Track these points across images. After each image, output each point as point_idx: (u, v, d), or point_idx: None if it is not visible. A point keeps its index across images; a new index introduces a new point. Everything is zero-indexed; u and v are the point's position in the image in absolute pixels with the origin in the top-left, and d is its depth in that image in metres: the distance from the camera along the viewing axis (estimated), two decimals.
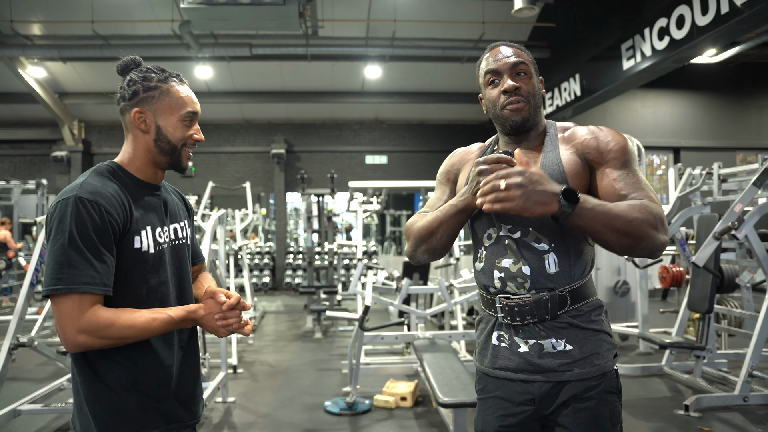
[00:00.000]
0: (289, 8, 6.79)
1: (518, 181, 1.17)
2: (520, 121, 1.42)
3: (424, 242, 1.48)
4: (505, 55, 1.44)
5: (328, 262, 8.18)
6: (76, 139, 11.79)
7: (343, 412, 3.98)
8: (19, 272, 9.27)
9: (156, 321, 1.28)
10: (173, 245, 1.45)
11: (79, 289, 1.21)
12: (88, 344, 1.23)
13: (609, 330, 1.42)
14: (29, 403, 3.73)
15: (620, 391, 1.39)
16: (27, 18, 8.91)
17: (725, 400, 3.94)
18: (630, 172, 1.35)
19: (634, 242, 1.23)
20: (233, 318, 1.35)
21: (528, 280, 1.35)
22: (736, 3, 4.85)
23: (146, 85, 1.37)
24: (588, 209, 1.20)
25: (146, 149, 1.39)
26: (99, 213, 1.24)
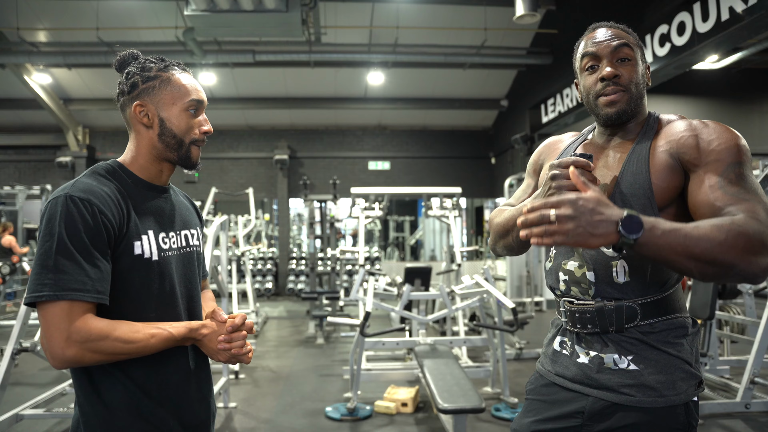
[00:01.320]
0: (292, 15, 6.84)
1: (568, 213, 1.01)
2: (615, 115, 1.26)
3: (501, 239, 1.41)
4: (607, 36, 1.27)
5: (330, 267, 8.19)
6: (80, 144, 11.86)
7: (344, 417, 3.98)
8: (23, 277, 9.31)
9: (155, 338, 1.15)
10: (183, 253, 1.32)
11: (68, 296, 1.07)
12: (78, 358, 1.09)
13: (689, 357, 1.21)
14: (31, 407, 3.74)
15: (691, 427, 1.19)
16: (33, 25, 9.01)
17: (727, 407, 3.92)
18: (735, 178, 1.12)
19: (721, 271, 1.03)
20: (238, 342, 1.24)
21: (592, 287, 1.23)
22: (737, 10, 4.87)
23: (145, 75, 1.26)
24: (657, 237, 1.01)
25: (150, 145, 1.28)
26: (91, 213, 1.12)
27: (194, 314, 1.35)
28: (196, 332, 1.23)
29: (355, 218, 8.18)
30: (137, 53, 1.33)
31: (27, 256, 9.34)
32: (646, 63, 1.31)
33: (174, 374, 1.25)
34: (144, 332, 1.15)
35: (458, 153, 12.63)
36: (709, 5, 5.24)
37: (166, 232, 1.28)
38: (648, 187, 1.20)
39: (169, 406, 1.23)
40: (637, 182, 1.21)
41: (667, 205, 1.20)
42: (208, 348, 1.25)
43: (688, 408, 1.19)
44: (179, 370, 1.26)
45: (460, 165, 12.52)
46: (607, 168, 1.29)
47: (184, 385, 1.27)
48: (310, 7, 7.16)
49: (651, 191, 1.19)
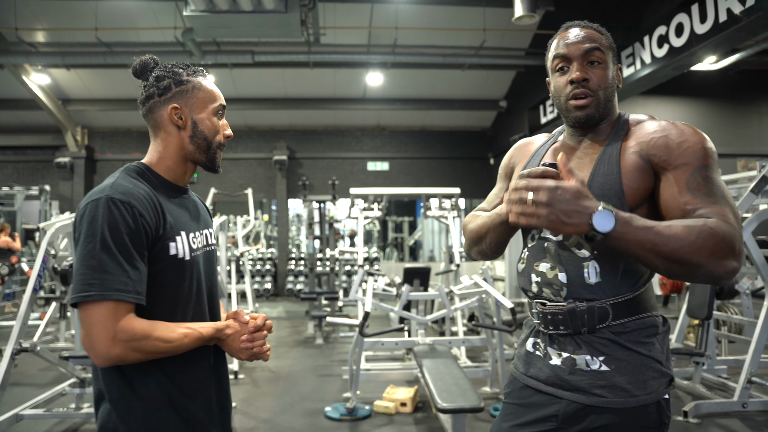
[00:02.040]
0: (291, 16, 6.85)
1: (545, 199, 1.05)
2: (584, 118, 1.27)
3: (475, 245, 1.44)
4: (578, 38, 1.28)
5: (329, 268, 8.20)
6: (79, 145, 11.86)
7: (344, 417, 3.99)
8: (21, 278, 9.31)
9: (188, 337, 1.20)
10: (205, 252, 1.37)
11: (113, 296, 1.11)
12: (122, 357, 1.13)
13: (660, 356, 1.22)
14: (31, 408, 3.75)
15: (663, 426, 1.21)
16: (31, 25, 9.01)
17: (724, 406, 3.94)
18: (703, 181, 1.15)
19: (687, 270, 1.07)
20: (259, 340, 1.31)
21: (564, 288, 1.24)
22: (734, 11, 4.89)
23: (177, 79, 1.31)
24: (627, 233, 1.05)
25: (180, 146, 1.32)
26: (132, 215, 1.16)
27: (215, 311, 1.39)
28: (222, 332, 1.28)
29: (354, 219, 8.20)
30: (157, 59, 1.37)
31: (25, 256, 9.33)
32: (617, 65, 1.32)
33: (201, 370, 1.30)
34: (178, 332, 1.19)
35: (457, 154, 12.65)
36: (707, 7, 5.26)
37: (193, 231, 1.32)
38: (619, 188, 1.21)
39: (198, 399, 1.28)
40: (609, 183, 1.22)
41: (639, 205, 1.22)
42: (230, 347, 1.31)
43: (659, 406, 1.20)
44: (205, 367, 1.32)
45: (458, 165, 12.54)
46: (579, 169, 1.29)
47: (208, 381, 1.32)
48: (309, 7, 7.18)
49: (622, 192, 1.21)
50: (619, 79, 1.33)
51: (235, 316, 1.33)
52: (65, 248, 6.55)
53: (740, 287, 4.70)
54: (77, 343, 4.19)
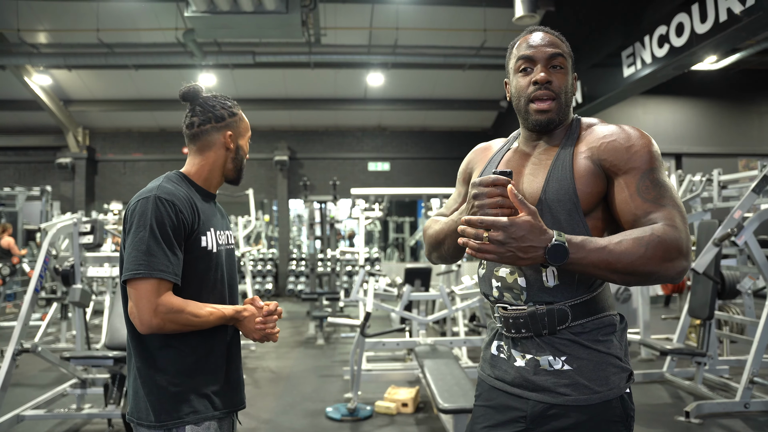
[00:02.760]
0: (292, 17, 6.85)
1: (500, 238, 1.08)
2: (545, 122, 1.30)
3: (435, 250, 1.47)
4: (543, 42, 1.31)
5: (330, 268, 8.20)
6: (80, 146, 11.87)
7: (345, 418, 3.99)
8: (23, 278, 9.31)
9: (213, 315, 1.45)
10: (227, 248, 1.63)
11: (157, 274, 1.37)
12: (161, 326, 1.38)
13: (619, 352, 1.27)
14: (32, 408, 3.76)
15: (629, 418, 1.25)
16: (33, 26, 9.02)
17: (726, 406, 3.94)
18: (651, 184, 1.20)
19: (640, 279, 1.14)
20: (271, 323, 1.53)
21: (524, 292, 1.27)
22: (735, 11, 4.89)
23: (230, 111, 1.61)
24: (581, 258, 1.11)
25: (223, 164, 1.62)
26: (174, 212, 1.42)
27: (233, 299, 1.64)
28: (240, 314, 1.52)
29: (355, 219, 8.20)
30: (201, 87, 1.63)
31: (26, 257, 9.34)
32: (574, 74, 1.36)
33: (218, 345, 1.53)
34: (206, 310, 1.45)
35: (458, 154, 12.63)
36: (708, 6, 5.25)
37: (219, 230, 1.59)
38: (573, 193, 1.24)
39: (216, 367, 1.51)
40: (563, 188, 1.25)
41: (593, 209, 1.25)
42: (246, 327, 1.53)
43: (623, 400, 1.25)
44: (222, 342, 1.54)
45: (459, 166, 12.50)
46: (533, 175, 1.32)
47: (222, 356, 1.54)
48: (310, 8, 7.18)
49: (576, 197, 1.24)
50: (575, 87, 1.36)
51: (252, 301, 1.56)
52: (66, 249, 6.55)
53: (742, 287, 4.69)
54: (78, 343, 4.19)
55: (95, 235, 4.19)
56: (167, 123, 12.20)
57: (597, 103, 7.71)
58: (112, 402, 3.63)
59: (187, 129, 1.60)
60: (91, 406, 3.86)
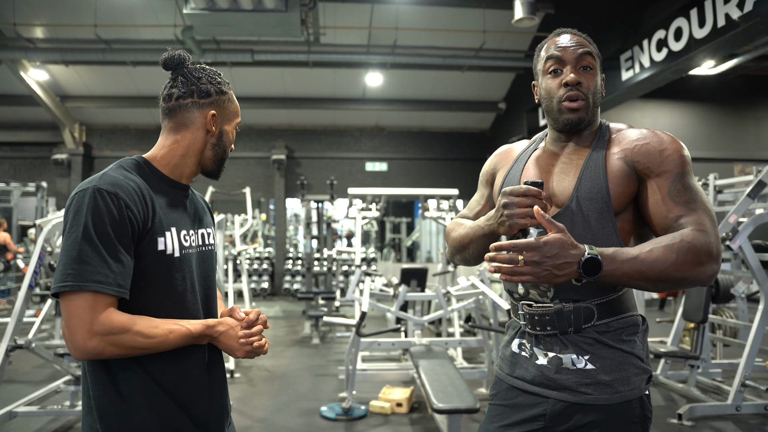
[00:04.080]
0: (291, 15, 6.85)
1: (535, 259, 1.10)
2: (576, 120, 1.30)
3: (458, 253, 1.47)
4: (573, 43, 1.32)
5: (326, 268, 8.20)
6: (77, 142, 11.83)
7: (339, 417, 3.99)
8: (17, 274, 9.29)
9: (173, 333, 1.17)
10: (200, 251, 1.35)
11: (91, 287, 1.09)
12: (99, 350, 1.11)
13: (641, 353, 1.27)
14: (25, 405, 3.74)
15: (647, 420, 1.25)
16: (30, 21, 8.98)
17: (718, 409, 3.96)
18: (683, 189, 1.21)
19: (673, 285, 1.16)
20: (255, 336, 1.27)
21: (551, 289, 1.27)
22: (733, 16, 4.91)
23: (218, 88, 1.35)
24: (615, 269, 1.12)
25: (200, 149, 1.33)
26: (118, 206, 1.14)
27: (211, 312, 1.37)
28: (213, 329, 1.25)
29: (352, 219, 8.20)
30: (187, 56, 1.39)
31: (21, 254, 9.31)
32: (602, 74, 1.37)
33: (193, 370, 1.27)
34: (163, 328, 1.17)
35: (456, 155, 12.66)
36: (706, 11, 5.28)
37: (187, 229, 1.31)
38: (606, 192, 1.25)
39: (184, 401, 1.24)
40: (595, 187, 1.26)
41: (623, 209, 1.27)
42: (224, 345, 1.27)
43: (642, 401, 1.24)
44: (197, 366, 1.28)
45: (457, 167, 12.54)
46: (564, 173, 1.33)
47: (200, 381, 1.28)
48: (310, 7, 7.18)
49: (608, 196, 1.25)
50: (603, 88, 1.37)
51: (231, 313, 1.30)
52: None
53: (736, 291, 4.72)
54: None
55: None
56: None
57: None
58: None
59: (163, 102, 1.34)
60: None
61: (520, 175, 1.40)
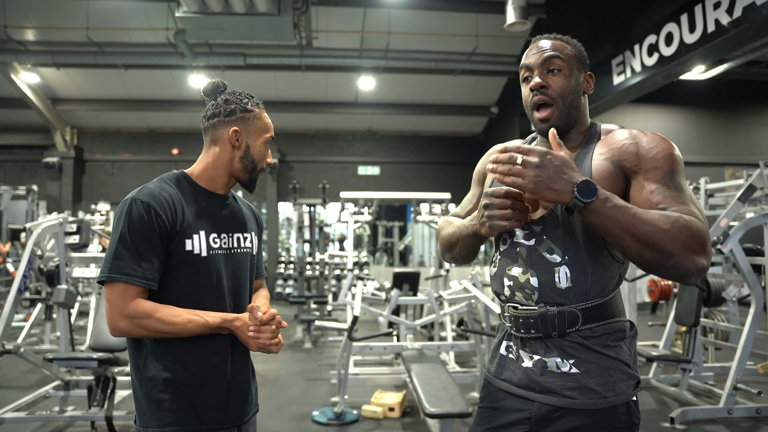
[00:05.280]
0: (283, 19, 6.85)
1: (535, 161, 1.09)
2: (547, 129, 1.29)
3: (447, 251, 1.48)
4: (542, 48, 1.32)
5: (319, 272, 8.18)
6: (68, 145, 11.76)
7: (331, 422, 3.97)
8: (6, 279, 9.19)
9: (192, 323, 1.37)
10: (233, 253, 1.52)
11: (121, 278, 1.33)
12: (128, 330, 1.35)
13: (627, 359, 1.25)
14: (13, 411, 3.69)
15: (634, 426, 1.24)
16: (21, 23, 8.93)
17: (710, 412, 3.97)
18: (673, 185, 1.18)
19: (658, 257, 1.08)
20: (266, 333, 1.42)
21: (535, 293, 1.26)
22: (722, 22, 4.95)
23: (243, 107, 1.51)
24: (607, 208, 1.08)
25: (230, 163, 1.51)
26: (148, 213, 1.36)
27: (239, 306, 1.53)
28: (230, 323, 1.42)
29: (344, 223, 8.19)
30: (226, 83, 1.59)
31: (10, 256, 9.21)
32: (585, 72, 1.35)
33: (214, 356, 1.44)
34: (183, 317, 1.37)
35: (448, 159, 12.68)
36: (696, 17, 5.33)
37: (218, 233, 1.49)
38: None
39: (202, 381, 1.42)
40: None
41: None
42: (241, 338, 1.44)
43: (629, 407, 1.23)
44: (218, 353, 1.45)
45: (449, 171, 12.56)
46: None
47: (220, 367, 1.45)
48: (302, 11, 7.17)
49: None
50: (588, 86, 1.35)
51: (251, 310, 1.44)
52: (52, 249, 6.48)
53: (727, 295, 4.73)
54: (63, 345, 4.14)
55: (81, 236, 4.14)
56: (156, 123, 12.12)
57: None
58: (95, 404, 3.58)
59: (202, 123, 1.56)
60: (74, 408, 3.80)
61: None
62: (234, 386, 1.48)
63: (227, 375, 1.46)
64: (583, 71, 1.34)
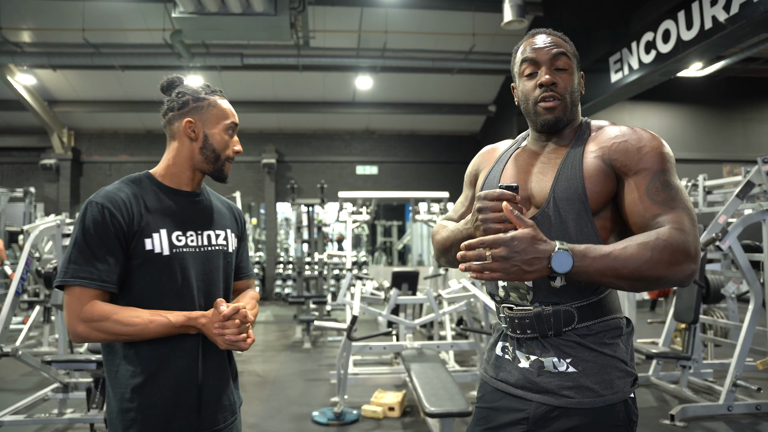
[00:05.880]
0: (280, 19, 6.83)
1: (503, 254, 1.08)
2: (553, 121, 1.29)
3: (442, 255, 1.47)
4: (546, 43, 1.31)
5: (317, 272, 8.17)
6: (65, 147, 11.72)
7: (331, 422, 3.96)
8: (4, 281, 9.16)
9: (153, 323, 1.32)
10: (202, 251, 1.46)
11: (76, 282, 1.31)
12: (86, 335, 1.31)
13: (624, 356, 1.25)
14: (11, 414, 3.69)
15: (632, 423, 1.24)
16: (17, 25, 8.90)
17: (710, 409, 3.97)
18: (662, 187, 1.18)
19: (649, 284, 1.12)
20: (231, 329, 1.34)
21: (530, 292, 1.26)
22: (719, 19, 4.95)
23: (195, 96, 1.47)
24: (587, 266, 1.09)
25: (190, 156, 1.47)
26: (103, 215, 1.33)
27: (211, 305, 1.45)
28: (195, 321, 1.36)
29: (343, 222, 8.18)
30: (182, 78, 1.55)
31: (8, 259, 9.19)
32: (581, 73, 1.36)
33: (180, 359, 1.39)
34: (144, 318, 1.32)
35: (446, 158, 12.67)
36: (693, 14, 5.32)
37: (183, 230, 1.44)
38: (582, 192, 1.23)
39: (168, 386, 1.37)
40: (572, 187, 1.24)
41: (601, 209, 1.25)
42: (208, 335, 1.37)
43: (627, 405, 1.23)
44: (185, 356, 1.40)
45: (447, 170, 12.55)
46: (542, 174, 1.32)
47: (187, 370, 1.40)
48: (299, 10, 7.16)
49: (585, 196, 1.23)
50: (582, 86, 1.36)
51: (216, 305, 1.37)
52: (49, 251, 6.46)
53: (726, 291, 4.74)
54: (61, 347, 4.12)
55: None
56: (154, 125, 12.09)
57: (584, 108, 7.78)
58: (94, 406, 3.57)
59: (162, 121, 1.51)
60: (73, 410, 3.79)
61: (500, 175, 1.40)
62: (206, 389, 1.42)
63: (198, 378, 1.41)
64: (579, 70, 1.35)
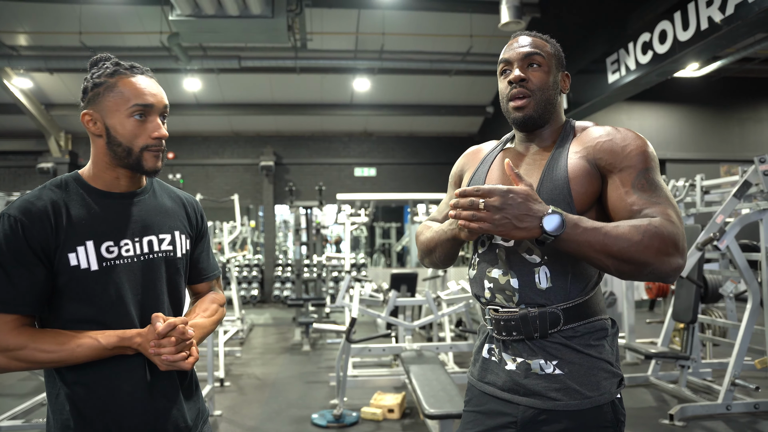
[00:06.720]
0: (277, 21, 6.83)
1: (496, 204, 1.08)
2: (522, 119, 1.30)
3: (426, 256, 1.47)
4: (521, 44, 1.33)
5: (316, 274, 8.17)
6: (62, 150, 11.70)
7: (330, 424, 3.96)
8: None
9: (81, 347, 1.15)
10: (141, 260, 1.26)
11: None
12: (5, 365, 1.14)
13: (610, 357, 1.26)
14: (9, 419, 3.67)
15: (620, 423, 1.24)
16: (13, 28, 8.89)
17: (709, 408, 3.98)
18: (647, 183, 1.19)
19: (635, 269, 1.11)
20: (167, 348, 1.17)
21: (516, 294, 1.25)
22: (715, 19, 4.97)
23: (93, 81, 1.23)
24: (577, 234, 1.09)
25: (102, 153, 1.25)
26: (15, 230, 1.14)
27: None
28: (129, 341, 1.19)
29: (341, 225, 8.17)
30: (109, 56, 1.28)
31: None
32: (562, 72, 1.36)
33: (124, 383, 1.22)
34: (69, 342, 1.16)
35: (444, 159, 12.67)
36: (689, 15, 5.34)
37: (116, 240, 1.24)
38: (567, 193, 1.23)
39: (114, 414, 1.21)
40: (557, 188, 1.24)
41: (586, 210, 1.25)
42: (147, 355, 1.20)
43: (614, 405, 1.24)
44: (130, 380, 1.23)
45: (446, 171, 12.43)
46: (527, 175, 1.32)
47: (134, 395, 1.23)
48: (296, 13, 7.17)
49: (570, 197, 1.23)
50: (564, 85, 1.37)
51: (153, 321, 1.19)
52: None
53: (724, 291, 4.74)
54: None
55: None
56: None
57: (582, 109, 7.79)
58: None
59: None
60: None
61: (485, 177, 1.40)
62: (162, 413, 1.25)
63: (147, 402, 1.23)
64: (560, 70, 1.36)
